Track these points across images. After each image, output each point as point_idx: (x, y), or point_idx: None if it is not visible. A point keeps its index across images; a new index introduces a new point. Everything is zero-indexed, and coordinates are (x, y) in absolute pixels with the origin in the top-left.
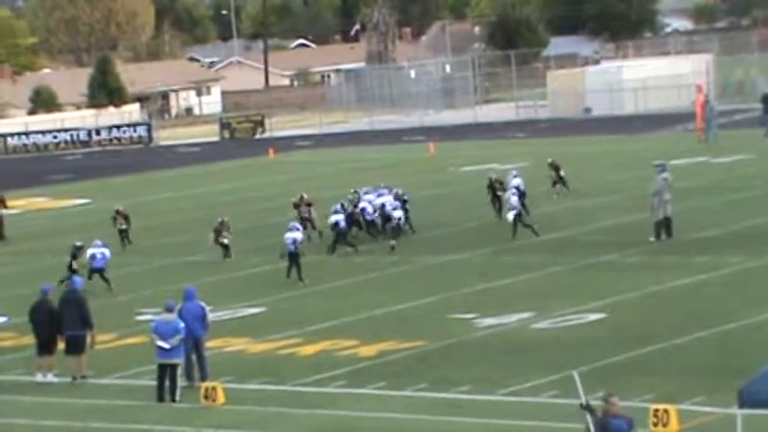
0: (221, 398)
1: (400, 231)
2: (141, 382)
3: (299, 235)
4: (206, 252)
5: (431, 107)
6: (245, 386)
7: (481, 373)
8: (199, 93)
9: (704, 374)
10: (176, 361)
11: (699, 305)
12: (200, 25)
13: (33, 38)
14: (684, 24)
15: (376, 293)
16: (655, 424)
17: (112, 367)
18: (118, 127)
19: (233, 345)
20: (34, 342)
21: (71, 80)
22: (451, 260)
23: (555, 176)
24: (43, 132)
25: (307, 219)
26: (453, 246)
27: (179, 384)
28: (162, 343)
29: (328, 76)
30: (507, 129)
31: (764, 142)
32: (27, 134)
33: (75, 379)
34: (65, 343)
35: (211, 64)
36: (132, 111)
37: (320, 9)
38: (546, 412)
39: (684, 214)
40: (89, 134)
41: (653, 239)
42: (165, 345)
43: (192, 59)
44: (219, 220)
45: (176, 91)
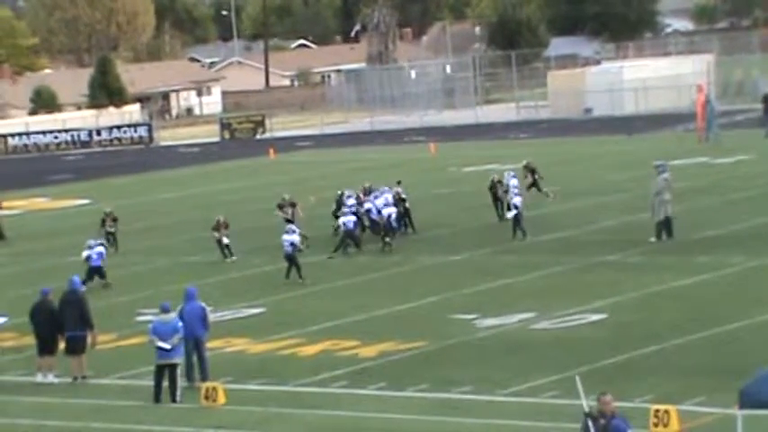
0: (222, 398)
1: (392, 228)
2: (142, 383)
3: (296, 237)
4: (217, 250)
5: (431, 108)
6: (245, 386)
7: (482, 374)
8: (199, 93)
9: (705, 375)
10: (176, 361)
11: (699, 305)
12: (200, 25)
13: (34, 38)
14: (685, 25)
15: (377, 294)
16: (655, 424)
17: (113, 368)
18: (118, 127)
19: (233, 345)
20: (35, 342)
21: (72, 80)
22: (452, 260)
23: (530, 179)
24: (44, 133)
25: (289, 220)
26: (454, 246)
27: (179, 385)
28: (162, 344)
29: (329, 77)
30: (508, 129)
31: (765, 143)
32: (28, 134)
33: (75, 379)
34: (65, 343)
35: (212, 64)
36: (133, 111)
37: (321, 9)
38: (546, 412)
39: (685, 214)
40: (90, 134)
41: (654, 240)
42: (166, 345)
43: (193, 60)
44: (217, 219)
45: (177, 91)
